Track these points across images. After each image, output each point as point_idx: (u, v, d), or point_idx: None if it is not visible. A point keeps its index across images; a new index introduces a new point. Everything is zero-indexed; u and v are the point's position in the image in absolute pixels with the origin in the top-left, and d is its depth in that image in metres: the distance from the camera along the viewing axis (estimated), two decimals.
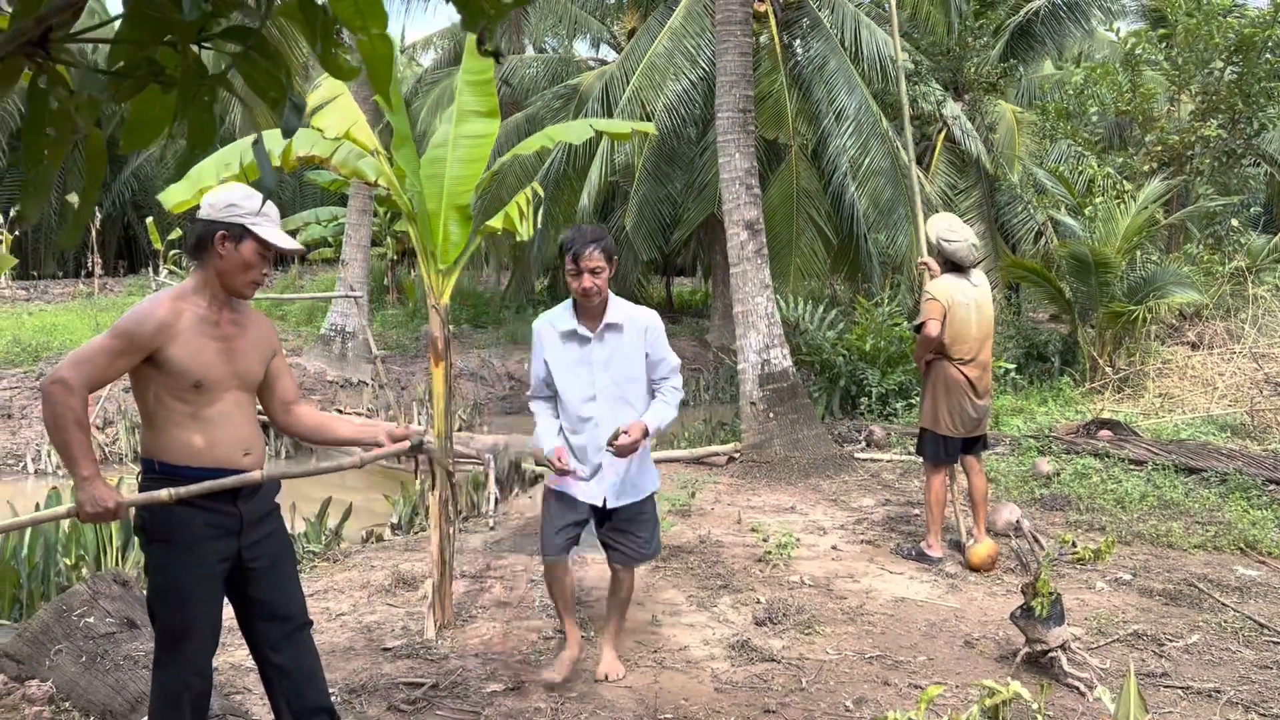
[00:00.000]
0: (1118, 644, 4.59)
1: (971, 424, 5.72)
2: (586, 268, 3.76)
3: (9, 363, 12.51)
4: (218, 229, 3.07)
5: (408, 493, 7.76)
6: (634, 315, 3.93)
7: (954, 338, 5.61)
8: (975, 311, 5.62)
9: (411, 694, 4.03)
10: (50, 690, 3.89)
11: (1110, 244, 11.72)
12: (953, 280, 5.64)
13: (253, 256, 3.10)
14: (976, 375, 5.67)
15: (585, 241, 3.76)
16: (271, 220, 3.16)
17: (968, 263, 5.61)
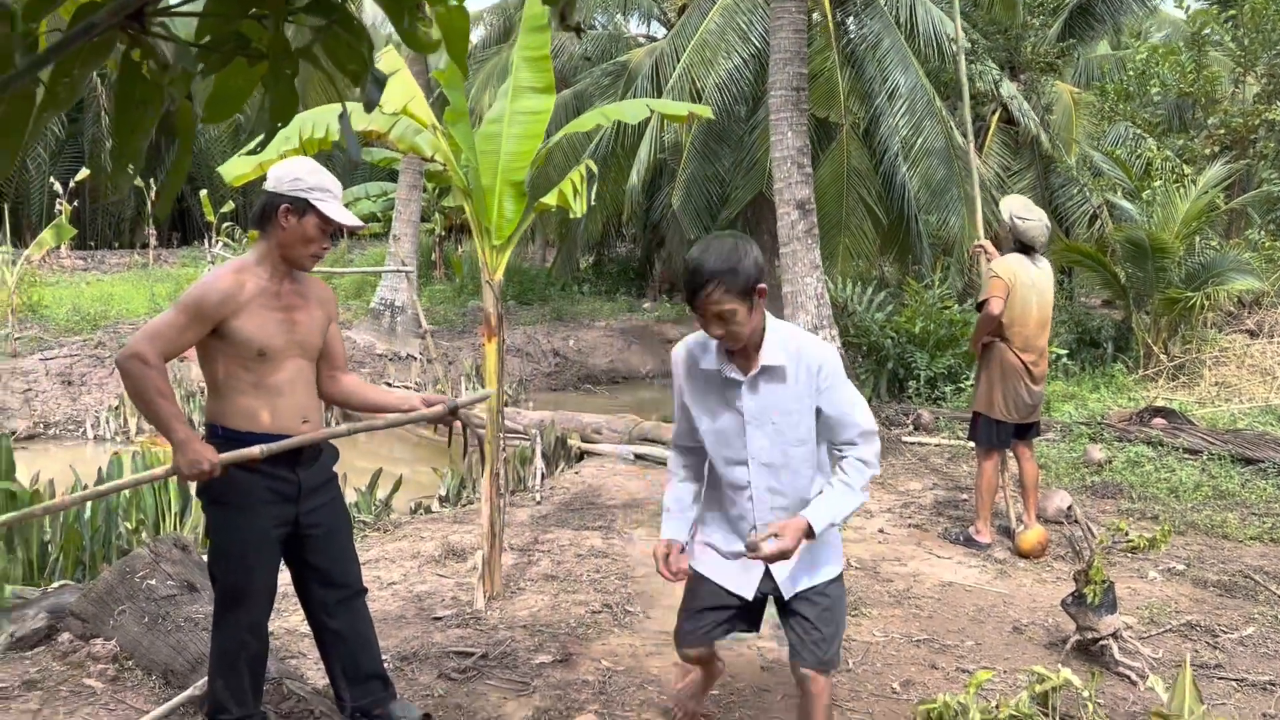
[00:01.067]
0: (1170, 634, 4.54)
1: (1026, 410, 5.65)
2: (710, 313, 2.68)
3: (69, 331, 12.80)
4: (281, 201, 3.14)
5: (455, 466, 7.86)
6: (803, 350, 2.77)
7: (1013, 320, 5.55)
8: (1036, 295, 5.55)
9: (461, 663, 4.10)
10: (114, 649, 4.00)
11: (1168, 229, 11.48)
12: (1018, 260, 5.57)
13: (314, 230, 3.17)
14: (1033, 360, 5.60)
15: (699, 280, 2.65)
16: (334, 196, 3.22)
17: (1039, 243, 5.54)
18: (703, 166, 15.08)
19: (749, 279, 2.65)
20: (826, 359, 2.80)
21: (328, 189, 3.18)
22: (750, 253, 2.67)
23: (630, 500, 6.80)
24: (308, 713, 3.53)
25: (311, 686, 3.77)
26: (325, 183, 3.17)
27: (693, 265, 2.68)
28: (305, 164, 3.19)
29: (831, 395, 2.79)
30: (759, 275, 2.68)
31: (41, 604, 4.32)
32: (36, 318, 13.44)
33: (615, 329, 15.92)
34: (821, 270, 8.38)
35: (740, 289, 2.64)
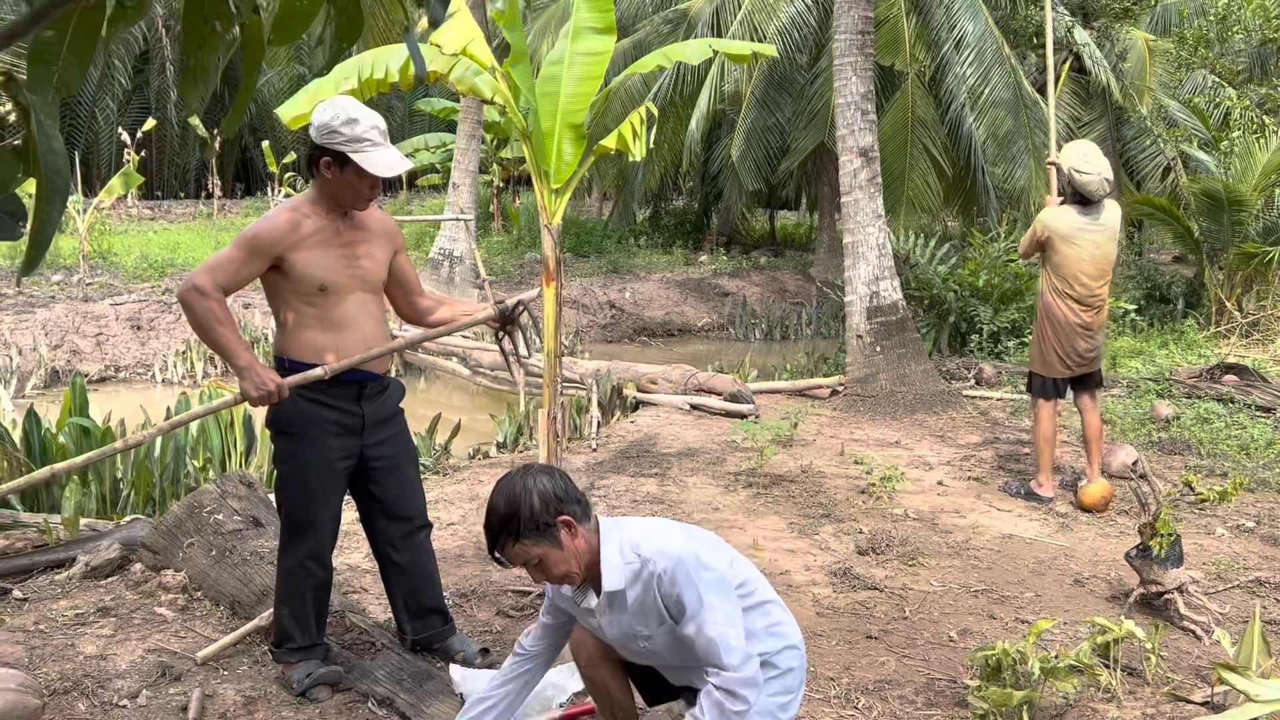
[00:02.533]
0: (1237, 590, 4.44)
1: (1081, 362, 5.57)
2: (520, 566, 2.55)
3: (137, 278, 13.10)
4: (322, 154, 3.13)
5: (513, 413, 7.92)
6: (643, 571, 2.49)
7: (1061, 272, 5.46)
8: (1091, 248, 5.42)
9: (519, 601, 4.16)
10: (183, 580, 4.12)
11: (1246, 181, 11.09)
12: (1066, 213, 5.45)
13: (356, 180, 3.16)
14: (1090, 315, 5.50)
15: (488, 542, 2.53)
16: (373, 141, 3.13)
17: (1096, 197, 5.39)
18: (763, 116, 14.86)
19: (536, 520, 2.42)
20: (670, 579, 2.44)
21: (364, 137, 3.11)
22: (532, 491, 2.43)
23: (686, 449, 6.80)
24: (369, 644, 3.61)
25: (373, 620, 3.86)
26: (361, 131, 3.10)
27: (485, 523, 2.52)
28: (342, 111, 3.11)
29: (687, 625, 2.43)
30: (551, 509, 2.43)
31: (115, 536, 4.47)
32: (107, 265, 13.77)
33: (671, 281, 15.86)
34: (884, 220, 8.23)
35: (531, 535, 2.43)
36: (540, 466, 2.57)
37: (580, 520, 2.49)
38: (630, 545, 2.49)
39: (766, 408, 7.89)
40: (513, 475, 2.53)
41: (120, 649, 3.61)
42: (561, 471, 2.59)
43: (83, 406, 5.47)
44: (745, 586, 2.61)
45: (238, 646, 3.64)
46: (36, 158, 1.06)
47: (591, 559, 2.51)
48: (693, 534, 2.61)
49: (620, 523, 2.57)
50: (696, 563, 2.46)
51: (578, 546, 2.47)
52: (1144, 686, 3.45)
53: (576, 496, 2.51)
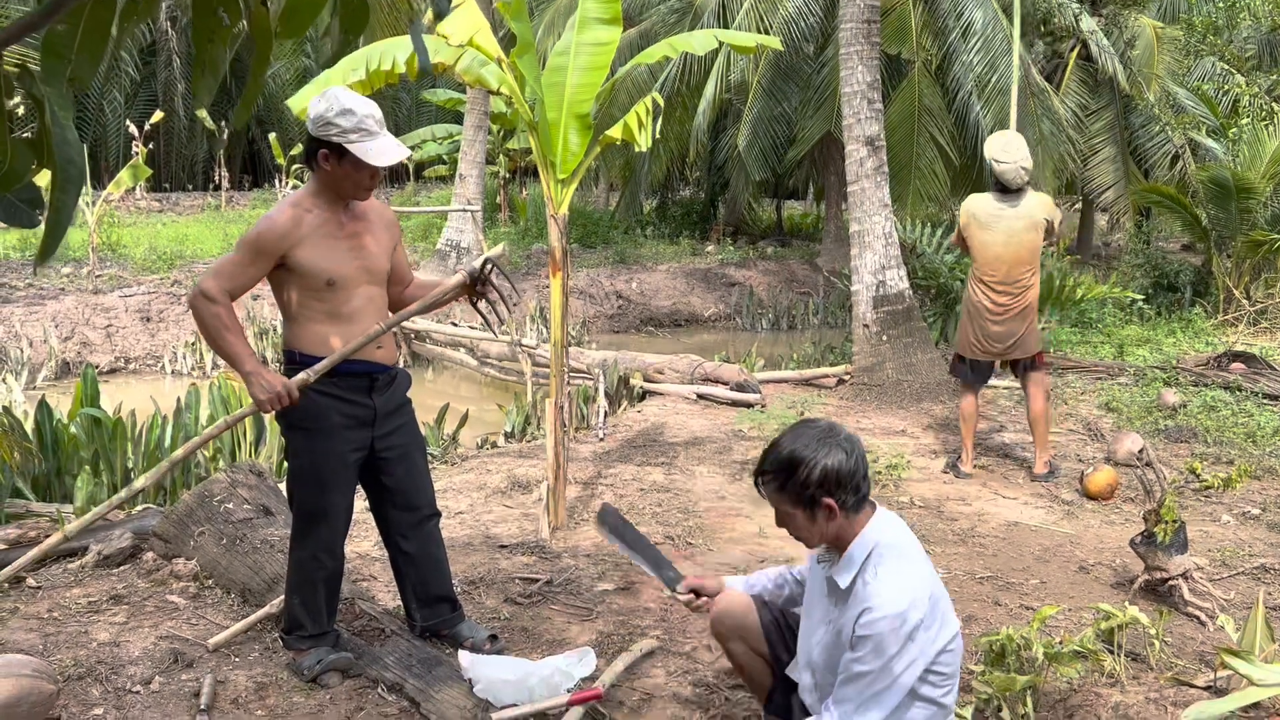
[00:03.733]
0: (1242, 576, 4.46)
1: (993, 346, 5.76)
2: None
3: (146, 270, 13.16)
4: (319, 146, 3.15)
5: (520, 403, 7.96)
6: (863, 592, 2.42)
7: (974, 257, 5.75)
8: (1005, 235, 5.62)
9: (527, 588, 4.19)
10: (195, 568, 4.17)
11: (1255, 168, 11.05)
12: (983, 199, 5.73)
13: (354, 171, 3.16)
14: (1003, 300, 5.68)
15: (759, 467, 2.51)
16: (369, 131, 3.12)
17: (1013, 185, 5.61)
18: (769, 106, 14.84)
19: (805, 488, 2.39)
20: (869, 621, 2.34)
21: (360, 127, 3.10)
22: (819, 463, 2.38)
23: (692, 438, 6.83)
24: (379, 631, 3.65)
25: (383, 607, 3.90)
26: (358, 121, 3.09)
27: (770, 445, 2.51)
28: (336, 103, 3.10)
29: (860, 645, 2.37)
30: (825, 488, 2.38)
31: (127, 525, 4.51)
32: (116, 257, 13.83)
33: (678, 271, 15.87)
34: (890, 209, 8.23)
35: (793, 495, 2.42)
36: (845, 437, 2.45)
37: (848, 510, 2.42)
38: (874, 560, 2.42)
39: (773, 397, 7.91)
40: (813, 433, 2.45)
41: (133, 636, 3.66)
42: (862, 453, 2.47)
43: (94, 397, 5.52)
44: (942, 676, 2.43)
45: (249, 633, 3.68)
46: (51, 149, 1.08)
47: (842, 542, 2.47)
48: (932, 586, 2.44)
49: (891, 525, 2.49)
50: (910, 629, 2.33)
51: (828, 529, 2.44)
52: (1148, 672, 3.47)
53: (857, 485, 2.42)
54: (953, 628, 2.46)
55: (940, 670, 2.43)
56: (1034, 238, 5.63)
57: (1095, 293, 10.67)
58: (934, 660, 2.40)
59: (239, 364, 3.07)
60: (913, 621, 2.33)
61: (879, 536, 2.45)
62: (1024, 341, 5.75)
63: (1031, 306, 5.74)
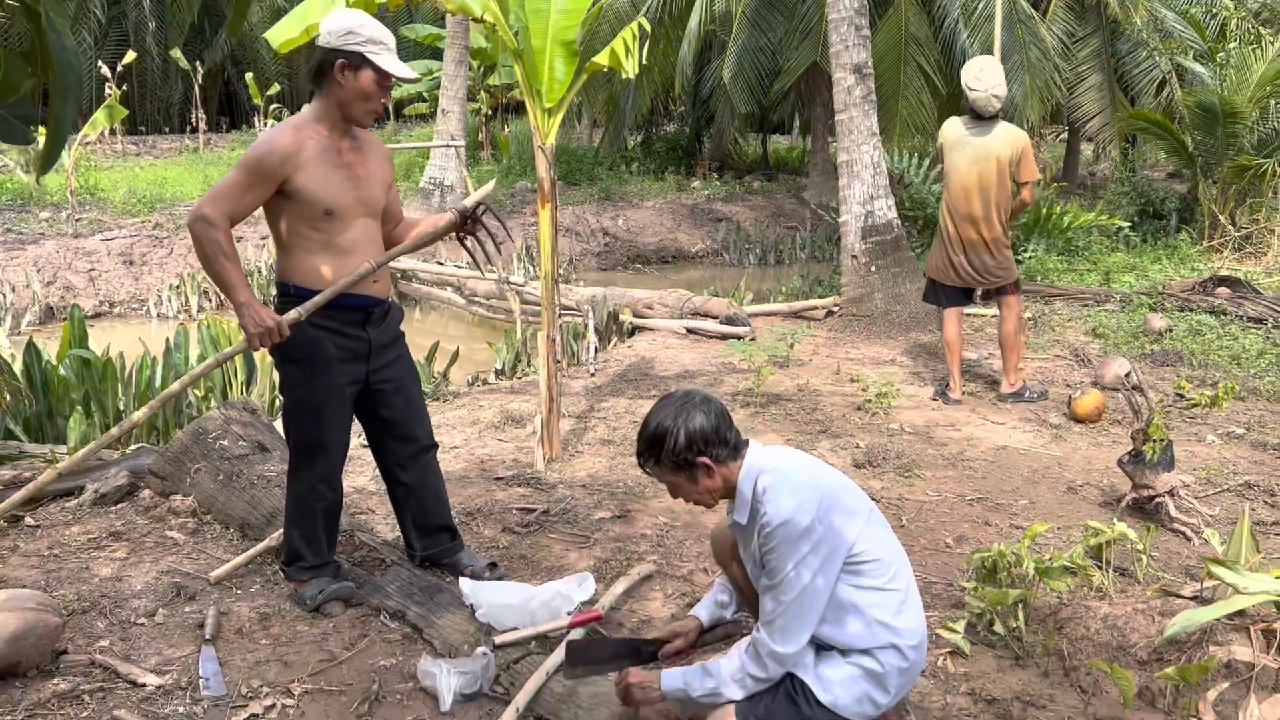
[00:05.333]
0: (1227, 493, 4.54)
1: (961, 274, 5.82)
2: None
3: (127, 213, 12.98)
4: (337, 57, 3.11)
5: (510, 340, 7.95)
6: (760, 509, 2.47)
7: (945, 179, 5.83)
8: (968, 162, 5.65)
9: (524, 518, 4.23)
10: (192, 504, 4.19)
11: (1242, 92, 11.01)
12: (956, 124, 5.78)
13: (371, 86, 3.15)
14: (962, 230, 5.73)
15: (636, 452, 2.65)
16: (388, 48, 3.16)
17: (985, 113, 5.62)
18: (754, 37, 14.64)
19: (677, 456, 2.49)
20: (769, 534, 2.41)
21: (381, 41, 3.13)
22: (681, 429, 2.48)
23: (683, 372, 6.85)
24: (379, 561, 3.68)
25: (382, 538, 3.93)
26: (379, 34, 3.12)
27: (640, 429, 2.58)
28: (357, 16, 3.14)
29: (767, 561, 2.44)
30: (694, 449, 2.48)
31: (122, 464, 4.52)
32: (95, 200, 13.63)
33: (664, 208, 15.77)
34: (879, 139, 8.17)
35: (671, 465, 2.52)
36: (700, 400, 2.55)
37: (723, 461, 2.51)
38: (760, 485, 2.49)
39: (762, 330, 7.92)
40: (671, 403, 2.56)
41: (134, 571, 3.68)
42: (720, 408, 2.56)
43: (82, 338, 5.49)
44: (868, 565, 2.47)
45: (249, 567, 3.71)
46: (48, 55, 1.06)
47: (731, 489, 2.56)
48: (824, 490, 2.48)
49: (766, 457, 2.56)
50: (801, 531, 2.39)
51: (713, 484, 2.54)
52: (1135, 585, 3.54)
53: (724, 437, 2.51)
54: (859, 515, 2.50)
55: (864, 559, 2.46)
56: (999, 168, 5.65)
57: (1081, 221, 10.68)
58: (851, 552, 2.45)
59: (233, 293, 3.05)
60: (802, 524, 2.39)
61: (759, 464, 2.52)
62: (994, 272, 5.81)
63: (998, 240, 5.75)
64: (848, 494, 2.56)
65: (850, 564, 2.47)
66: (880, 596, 2.50)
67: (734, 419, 2.65)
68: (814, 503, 2.44)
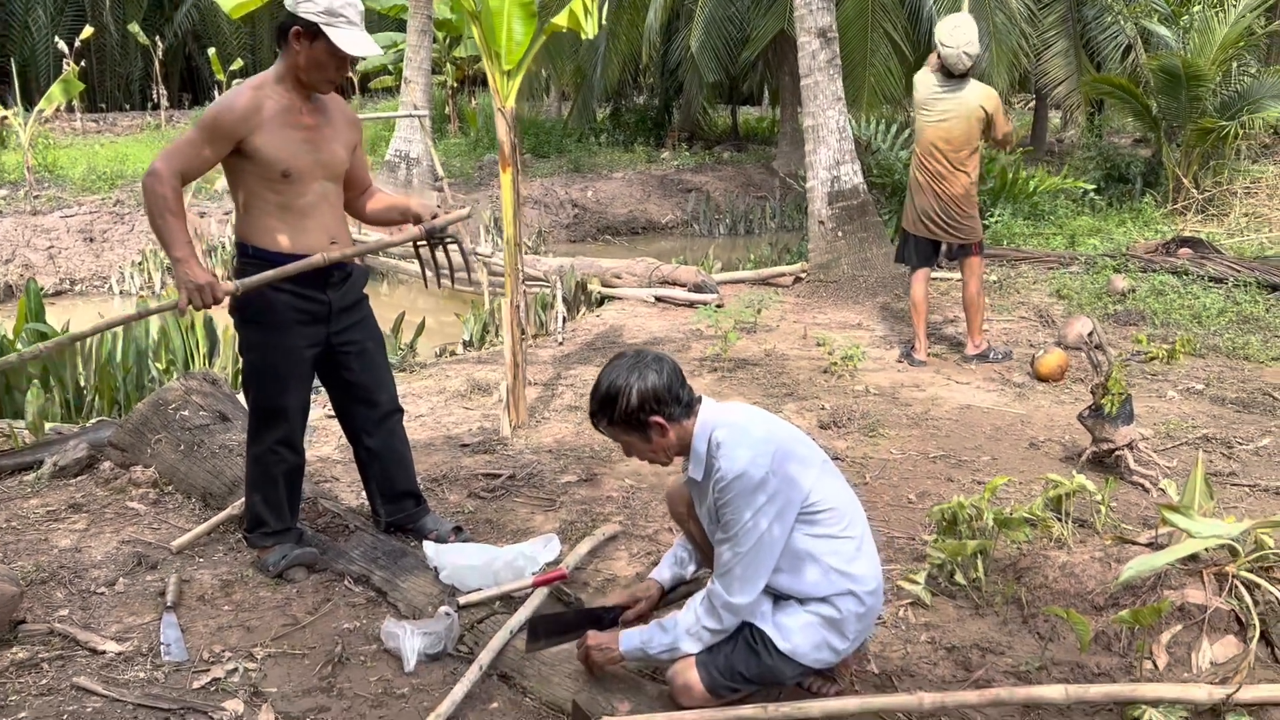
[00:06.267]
0: (1185, 446, 4.60)
1: (929, 226, 5.89)
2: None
3: (86, 190, 12.78)
4: (294, 23, 3.05)
5: (478, 311, 7.91)
6: (714, 464, 2.49)
7: (916, 134, 5.91)
8: (937, 116, 5.73)
9: (490, 483, 4.23)
10: (154, 475, 4.15)
11: (1205, 55, 11.06)
12: (929, 77, 5.81)
13: (324, 57, 3.09)
14: (931, 183, 5.81)
15: (590, 411, 2.61)
16: (348, 20, 3.07)
17: (956, 70, 5.65)
18: (721, 5, 14.58)
19: (629, 415, 2.48)
20: (724, 487, 2.43)
21: (339, 12, 3.04)
22: (633, 388, 2.46)
23: (652, 339, 6.85)
24: (343, 527, 3.67)
25: (346, 505, 3.91)
26: (340, 5, 3.03)
27: (592, 388, 2.58)
28: None
29: (723, 514, 2.46)
30: (646, 409, 2.47)
31: (82, 437, 4.47)
32: (54, 178, 13.40)
33: (634, 179, 15.71)
34: (844, 103, 8.16)
35: (623, 424, 2.51)
36: (652, 359, 2.55)
37: (677, 419, 2.51)
38: (715, 440, 2.50)
39: (730, 296, 7.92)
40: (623, 363, 2.55)
41: (94, 542, 3.65)
42: (671, 365, 2.55)
43: (38, 312, 5.41)
44: (822, 514, 2.50)
45: (212, 535, 3.68)
46: None
47: (685, 446, 2.56)
48: (778, 442, 2.50)
49: (720, 412, 2.57)
50: (756, 484, 2.41)
51: (667, 442, 2.53)
52: (1094, 536, 3.58)
53: (676, 395, 2.51)
54: (812, 466, 2.53)
55: (819, 508, 2.49)
56: (967, 126, 5.68)
57: (1047, 185, 10.74)
58: (806, 503, 2.47)
59: (172, 249, 2.98)
60: (756, 476, 2.40)
61: (713, 420, 2.53)
62: (961, 227, 5.86)
63: (966, 195, 5.80)
64: (801, 445, 2.58)
65: (805, 513, 2.50)
66: (836, 544, 2.52)
67: (701, 385, 2.68)
68: (768, 455, 2.45)
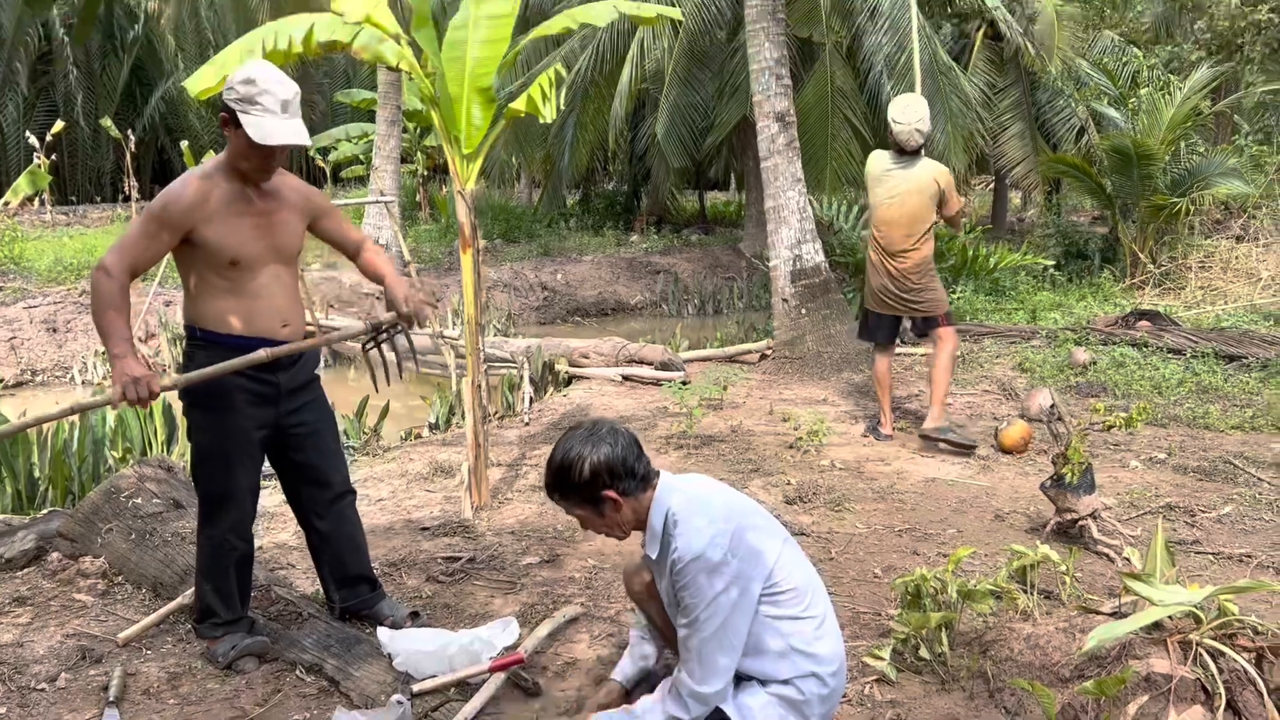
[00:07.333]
0: (1149, 516, 4.59)
1: (888, 302, 5.88)
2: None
3: (52, 281, 12.70)
4: (222, 109, 3.05)
5: (444, 394, 7.87)
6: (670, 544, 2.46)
7: (870, 212, 5.92)
8: (888, 193, 5.74)
9: (450, 566, 4.15)
10: (103, 565, 4.04)
11: (1154, 135, 11.41)
12: (881, 157, 5.86)
13: (245, 144, 3.02)
14: (887, 261, 5.78)
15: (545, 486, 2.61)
16: (266, 109, 2.97)
17: (908, 147, 5.68)
18: (686, 93, 14.89)
19: (582, 489, 2.46)
20: (682, 569, 2.38)
21: (257, 100, 2.95)
22: (586, 460, 2.44)
23: (618, 418, 6.82)
24: (295, 615, 3.57)
25: (300, 592, 3.82)
26: (255, 92, 2.96)
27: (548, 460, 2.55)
28: (253, 68, 3.02)
29: (682, 596, 2.41)
30: (599, 483, 2.44)
31: (30, 529, 4.35)
32: (20, 270, 13.33)
33: (603, 261, 15.84)
34: (804, 184, 8.31)
35: (577, 497, 2.49)
36: (607, 430, 2.51)
37: (631, 494, 2.48)
38: (672, 516, 2.45)
39: (697, 374, 7.94)
40: (579, 434, 2.52)
41: (38, 635, 3.53)
42: (627, 437, 2.51)
43: None
44: (784, 594, 2.46)
45: (161, 626, 3.58)
46: None
47: (642, 521, 2.51)
48: (737, 519, 2.45)
49: (676, 486, 2.52)
50: (714, 566, 2.36)
51: (621, 517, 2.50)
52: (1060, 607, 3.55)
53: (631, 469, 2.47)
54: (773, 544, 2.49)
55: (780, 587, 2.46)
56: (920, 202, 5.67)
57: (1008, 261, 10.93)
58: (768, 582, 2.44)
59: (110, 343, 2.92)
60: (715, 559, 2.37)
61: (669, 500, 2.49)
62: (921, 300, 5.82)
63: (922, 268, 5.77)
64: (761, 520, 2.55)
65: (766, 593, 2.46)
66: (798, 625, 2.48)
67: (667, 461, 2.67)
68: (726, 535, 2.41)
